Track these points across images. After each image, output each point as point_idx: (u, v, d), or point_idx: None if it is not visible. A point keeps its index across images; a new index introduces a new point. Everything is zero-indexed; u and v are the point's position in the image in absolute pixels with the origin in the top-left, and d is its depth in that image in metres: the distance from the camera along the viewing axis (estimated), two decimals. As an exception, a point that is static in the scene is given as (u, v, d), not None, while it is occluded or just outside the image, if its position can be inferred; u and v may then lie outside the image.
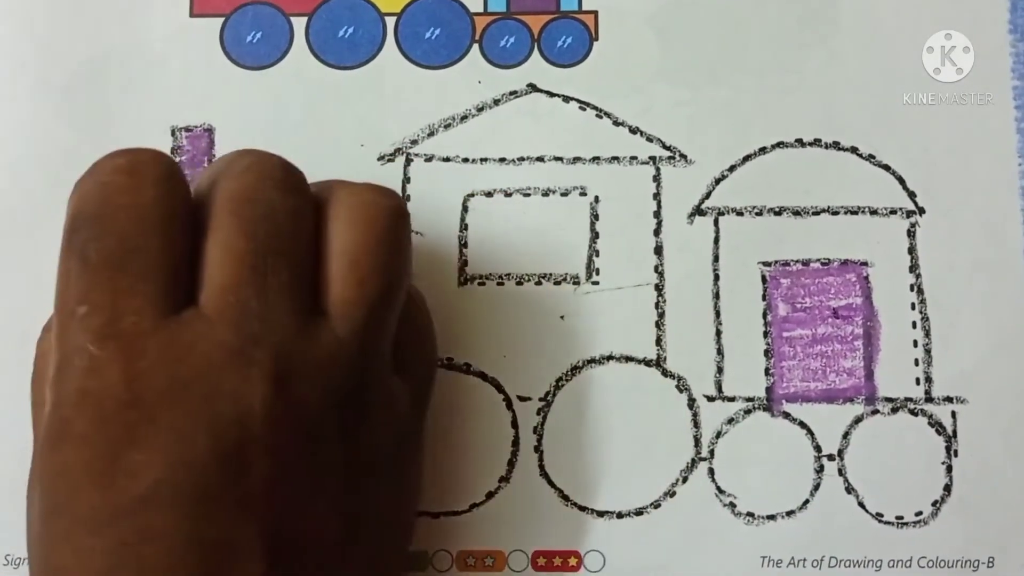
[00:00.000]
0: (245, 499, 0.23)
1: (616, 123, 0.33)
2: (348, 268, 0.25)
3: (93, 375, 0.23)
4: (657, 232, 0.32)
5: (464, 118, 0.33)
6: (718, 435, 0.31)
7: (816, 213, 0.32)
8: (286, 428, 0.24)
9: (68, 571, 0.23)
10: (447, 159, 0.33)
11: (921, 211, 0.32)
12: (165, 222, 0.24)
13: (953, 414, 0.31)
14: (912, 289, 0.32)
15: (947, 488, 0.31)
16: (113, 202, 0.24)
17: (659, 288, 0.32)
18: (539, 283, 0.32)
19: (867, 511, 0.31)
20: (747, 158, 0.33)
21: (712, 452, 0.31)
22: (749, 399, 0.32)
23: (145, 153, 0.25)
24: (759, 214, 0.32)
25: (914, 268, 0.32)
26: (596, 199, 0.33)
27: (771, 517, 0.31)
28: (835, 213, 0.32)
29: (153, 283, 0.23)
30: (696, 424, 0.32)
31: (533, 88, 0.33)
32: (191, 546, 0.23)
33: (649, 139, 0.33)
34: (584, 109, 0.33)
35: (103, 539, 0.23)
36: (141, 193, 0.24)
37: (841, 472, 0.31)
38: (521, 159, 0.33)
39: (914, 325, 0.32)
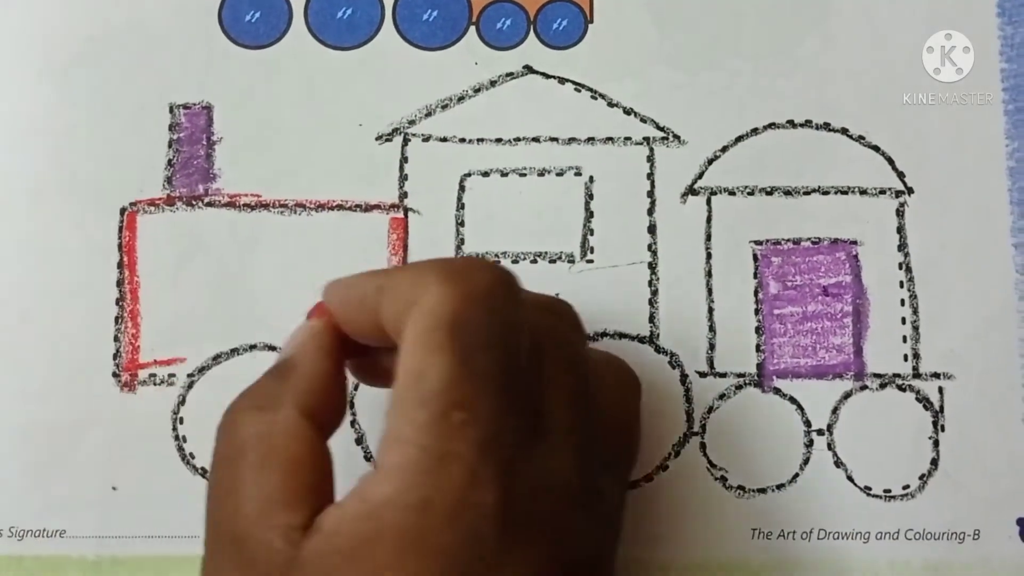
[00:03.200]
0: None
1: (611, 104, 0.33)
2: (621, 434, 0.27)
3: (474, 488, 0.21)
4: (651, 211, 0.33)
5: (461, 99, 0.33)
6: (710, 410, 0.32)
7: (807, 193, 0.33)
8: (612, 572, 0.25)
9: None
10: (444, 139, 0.33)
11: (910, 191, 0.33)
12: (528, 346, 0.23)
13: (940, 390, 0.32)
14: (901, 267, 0.33)
15: (934, 462, 0.32)
16: (501, 315, 0.23)
17: (652, 266, 0.33)
18: (535, 261, 0.33)
19: (855, 485, 0.32)
20: (739, 139, 0.33)
21: (704, 427, 0.32)
22: (740, 375, 0.32)
23: (509, 272, 0.24)
24: (751, 194, 0.33)
25: (903, 247, 0.33)
26: (591, 179, 0.33)
27: (761, 490, 0.32)
28: (826, 193, 0.33)
29: (528, 406, 0.23)
30: (688, 399, 0.32)
31: (529, 70, 0.34)
32: None
33: (643, 120, 0.33)
34: (579, 90, 0.33)
35: None
36: (520, 311, 0.24)
37: (830, 446, 0.32)
38: (517, 139, 0.33)
39: (902, 303, 0.32)
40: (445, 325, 0.22)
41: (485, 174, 0.33)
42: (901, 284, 0.32)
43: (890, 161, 0.33)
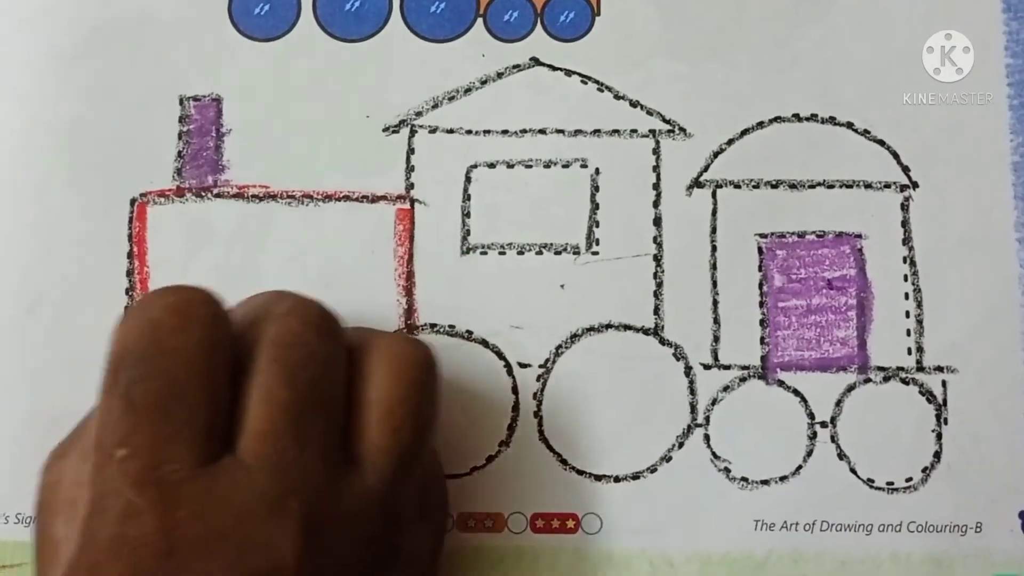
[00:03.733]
0: None
1: (617, 97, 0.34)
2: (382, 417, 0.25)
3: (130, 521, 0.22)
4: (656, 204, 0.33)
5: (468, 91, 0.34)
6: (714, 402, 0.32)
7: (812, 186, 0.33)
8: None
9: None
10: (451, 131, 0.33)
11: (915, 185, 0.33)
12: (212, 367, 0.24)
13: (943, 383, 0.32)
14: (905, 261, 0.33)
15: (936, 455, 0.32)
16: (163, 343, 0.23)
17: (657, 259, 0.33)
18: (540, 253, 0.33)
19: (858, 477, 0.32)
20: (745, 132, 0.33)
21: (708, 419, 0.32)
22: (744, 367, 0.32)
23: (196, 292, 0.25)
24: (756, 187, 0.33)
25: (907, 241, 0.33)
26: (597, 171, 0.33)
27: (765, 482, 0.32)
28: (830, 186, 0.33)
29: (196, 429, 0.23)
30: (692, 391, 0.32)
31: (536, 62, 0.34)
32: None
33: (649, 113, 0.33)
34: (586, 83, 0.34)
35: None
36: (190, 334, 0.24)
37: (833, 439, 0.32)
38: (523, 131, 0.33)
39: (906, 296, 0.33)
40: (111, 363, 0.24)
41: (491, 166, 0.33)
42: (905, 278, 0.33)
43: (895, 155, 0.33)
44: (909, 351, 0.32)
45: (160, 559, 0.22)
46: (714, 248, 0.33)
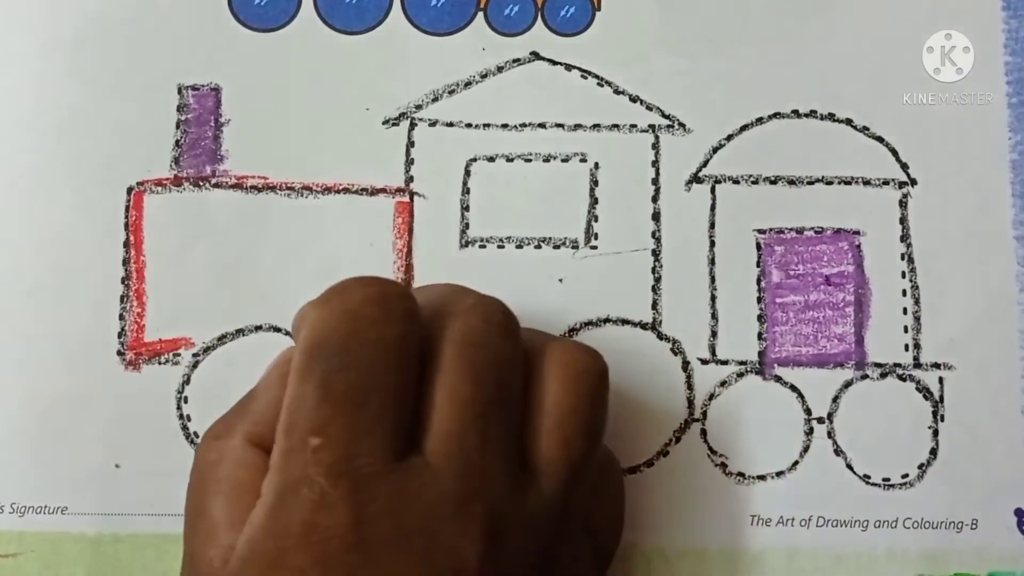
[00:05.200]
0: None
1: (617, 91, 0.34)
2: (555, 426, 0.25)
3: (322, 511, 0.22)
4: (655, 199, 0.33)
5: (468, 84, 0.34)
6: (711, 397, 0.32)
7: (811, 182, 0.33)
8: None
9: None
10: (451, 124, 0.33)
11: (913, 182, 0.33)
12: (406, 361, 0.24)
13: (940, 380, 0.32)
14: (903, 258, 0.33)
15: (933, 452, 0.32)
16: (363, 335, 0.23)
17: (656, 253, 0.33)
18: (539, 247, 0.33)
19: (855, 473, 0.32)
20: (744, 128, 0.33)
21: (705, 413, 0.32)
22: (742, 363, 0.32)
23: (393, 285, 0.25)
24: (755, 183, 0.33)
25: (905, 238, 0.33)
26: (596, 165, 0.33)
27: (761, 477, 0.32)
28: (829, 183, 0.33)
29: (388, 424, 0.23)
30: (690, 386, 0.32)
31: (536, 56, 0.34)
32: None
33: (649, 108, 0.33)
34: (586, 77, 0.34)
35: None
36: (389, 328, 0.24)
37: (830, 435, 0.32)
38: (523, 125, 0.33)
39: (904, 293, 0.33)
40: (308, 349, 0.24)
41: (491, 159, 0.33)
42: (903, 274, 0.33)
43: (894, 152, 0.33)
44: (906, 347, 0.32)
45: (349, 552, 0.22)
46: (712, 243, 0.33)
